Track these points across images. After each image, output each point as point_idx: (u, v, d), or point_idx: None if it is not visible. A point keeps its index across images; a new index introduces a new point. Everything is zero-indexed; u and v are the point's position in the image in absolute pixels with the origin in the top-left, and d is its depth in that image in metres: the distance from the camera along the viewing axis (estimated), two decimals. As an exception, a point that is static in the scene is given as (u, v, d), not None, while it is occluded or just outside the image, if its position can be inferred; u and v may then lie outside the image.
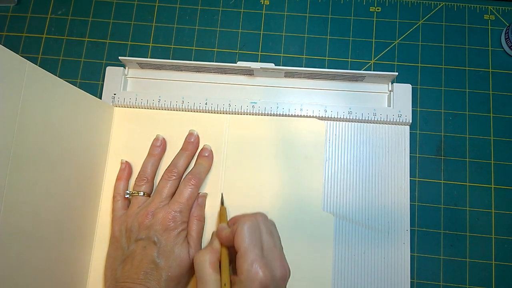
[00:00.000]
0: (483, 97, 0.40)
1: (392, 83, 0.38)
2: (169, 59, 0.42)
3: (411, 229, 0.36)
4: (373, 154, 0.38)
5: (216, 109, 0.39)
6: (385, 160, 0.37)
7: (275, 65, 0.38)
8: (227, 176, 0.37)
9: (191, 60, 0.42)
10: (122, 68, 0.40)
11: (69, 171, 0.32)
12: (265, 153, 0.37)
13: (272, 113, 0.38)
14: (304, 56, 0.42)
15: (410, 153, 0.38)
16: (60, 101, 0.30)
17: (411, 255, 0.36)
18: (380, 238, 0.36)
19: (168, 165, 0.36)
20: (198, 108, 0.39)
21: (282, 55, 0.42)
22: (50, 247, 0.30)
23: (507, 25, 0.41)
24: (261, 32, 0.43)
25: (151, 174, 0.36)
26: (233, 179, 0.37)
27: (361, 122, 0.38)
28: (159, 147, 0.37)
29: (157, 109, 0.39)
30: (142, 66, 0.40)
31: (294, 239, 0.35)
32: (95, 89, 0.42)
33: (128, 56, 0.40)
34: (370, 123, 0.38)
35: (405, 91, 0.38)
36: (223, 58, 0.42)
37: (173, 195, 0.34)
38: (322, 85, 0.39)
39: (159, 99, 0.39)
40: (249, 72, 0.39)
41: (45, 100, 0.28)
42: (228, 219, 0.34)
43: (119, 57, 0.39)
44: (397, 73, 0.37)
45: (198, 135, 0.38)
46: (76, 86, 0.32)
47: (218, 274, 0.28)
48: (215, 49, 0.43)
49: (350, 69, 0.41)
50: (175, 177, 0.35)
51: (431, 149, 0.39)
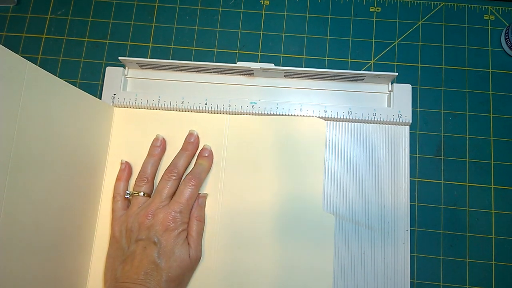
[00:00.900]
0: (483, 97, 0.40)
1: (392, 83, 0.38)
2: (169, 59, 0.42)
3: (411, 229, 0.36)
4: (373, 154, 0.38)
5: (216, 109, 0.39)
6: (385, 160, 0.37)
7: (275, 65, 0.38)
8: (227, 176, 0.37)
9: (191, 60, 0.42)
10: (122, 68, 0.40)
11: (69, 171, 0.32)
12: (265, 153, 0.37)
13: (272, 113, 0.38)
14: (304, 56, 0.42)
15: (410, 153, 0.38)
16: (60, 101, 0.30)
17: (411, 255, 0.36)
18: (380, 238, 0.36)
19: (168, 165, 0.36)
20: (198, 108, 0.39)
21: (282, 55, 0.42)
22: (49, 247, 0.30)
23: (507, 25, 0.41)
24: (261, 32, 0.43)
25: (151, 174, 0.36)
26: (233, 179, 0.37)
27: (361, 122, 0.38)
28: (159, 147, 0.37)
29: (157, 109, 0.39)
30: (142, 66, 0.40)
31: (294, 239, 0.35)
32: (95, 89, 0.42)
33: (128, 56, 0.40)
34: (370, 123, 0.38)
35: (405, 91, 0.38)
36: (223, 58, 0.42)
37: (173, 195, 0.34)
38: (322, 85, 0.39)
39: (159, 99, 0.39)
40: (249, 72, 0.39)
41: (45, 100, 0.28)
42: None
43: (119, 57, 0.39)
44: (397, 73, 0.37)
45: (198, 135, 0.38)
46: (76, 86, 0.32)
47: None
48: (215, 49, 0.43)
49: (350, 69, 0.41)
50: (175, 178, 0.35)
51: (431, 149, 0.39)
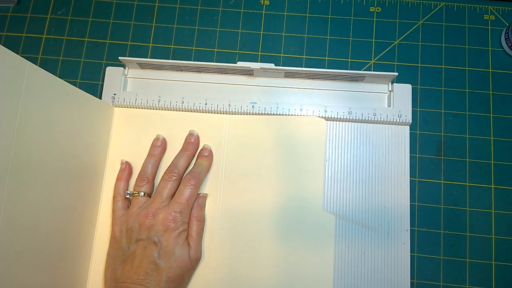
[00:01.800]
0: (483, 97, 0.40)
1: (392, 83, 0.38)
2: (169, 59, 0.42)
3: (411, 229, 0.36)
4: (373, 154, 0.38)
5: (216, 109, 0.39)
6: (385, 160, 0.37)
7: (275, 65, 0.38)
8: (227, 176, 0.37)
9: (191, 60, 0.42)
10: (122, 68, 0.40)
11: (69, 171, 0.32)
12: (265, 153, 0.37)
13: (272, 113, 0.38)
14: (304, 56, 0.42)
15: (410, 153, 0.38)
16: (60, 101, 0.30)
17: (411, 255, 0.36)
18: (380, 238, 0.36)
19: (168, 165, 0.36)
20: (198, 108, 0.39)
21: (282, 55, 0.42)
22: (49, 247, 0.30)
23: (507, 25, 0.41)
24: (261, 32, 0.43)
25: (151, 174, 0.36)
26: (233, 179, 0.37)
27: (361, 122, 0.38)
28: (159, 147, 0.37)
29: (157, 109, 0.39)
30: (142, 66, 0.40)
31: (294, 239, 0.35)
32: (95, 89, 0.42)
33: (128, 56, 0.40)
34: (370, 123, 0.38)
35: (405, 91, 0.38)
36: (223, 58, 0.42)
37: (173, 195, 0.34)
38: (322, 85, 0.39)
39: (159, 99, 0.39)
40: (249, 72, 0.39)
41: (45, 100, 0.28)
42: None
43: (119, 57, 0.39)
44: (397, 73, 0.37)
45: (198, 135, 0.38)
46: (76, 86, 0.32)
47: None
48: (215, 49, 0.43)
49: (350, 69, 0.41)
50: (175, 178, 0.35)
51: (431, 149, 0.39)
